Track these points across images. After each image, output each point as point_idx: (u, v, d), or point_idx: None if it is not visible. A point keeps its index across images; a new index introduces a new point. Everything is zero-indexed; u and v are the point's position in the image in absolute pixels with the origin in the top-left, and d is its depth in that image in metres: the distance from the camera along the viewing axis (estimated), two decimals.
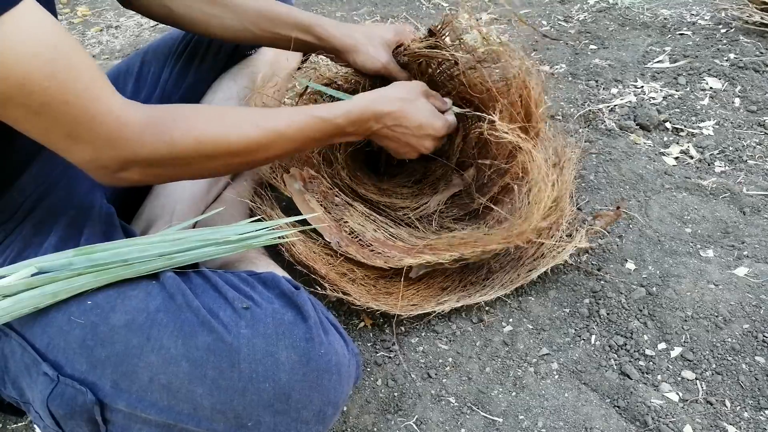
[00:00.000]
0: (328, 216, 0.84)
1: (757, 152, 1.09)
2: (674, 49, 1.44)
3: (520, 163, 0.80)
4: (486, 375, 0.74)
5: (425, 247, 0.81)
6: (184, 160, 0.57)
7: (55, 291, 0.55)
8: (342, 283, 0.76)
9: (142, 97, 0.87)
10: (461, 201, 0.96)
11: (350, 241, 0.81)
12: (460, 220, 0.93)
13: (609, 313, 0.79)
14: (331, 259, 0.80)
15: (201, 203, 0.86)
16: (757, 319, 0.75)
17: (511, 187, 0.86)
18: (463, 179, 0.96)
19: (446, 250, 0.77)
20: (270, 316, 0.55)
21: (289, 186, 0.84)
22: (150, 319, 0.54)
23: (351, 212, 0.86)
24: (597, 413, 0.67)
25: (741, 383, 0.69)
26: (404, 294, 0.80)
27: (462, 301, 0.79)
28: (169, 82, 0.89)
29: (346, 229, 0.83)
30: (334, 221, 0.83)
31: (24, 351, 0.56)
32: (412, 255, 0.78)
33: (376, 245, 0.81)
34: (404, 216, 0.93)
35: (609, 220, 0.92)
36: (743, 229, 0.92)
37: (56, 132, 0.50)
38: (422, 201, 0.95)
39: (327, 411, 0.56)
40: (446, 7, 1.88)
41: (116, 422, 0.54)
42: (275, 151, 0.64)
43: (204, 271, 0.61)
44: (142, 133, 0.53)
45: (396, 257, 0.78)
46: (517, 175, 0.84)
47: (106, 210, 0.69)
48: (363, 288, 0.79)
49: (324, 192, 0.86)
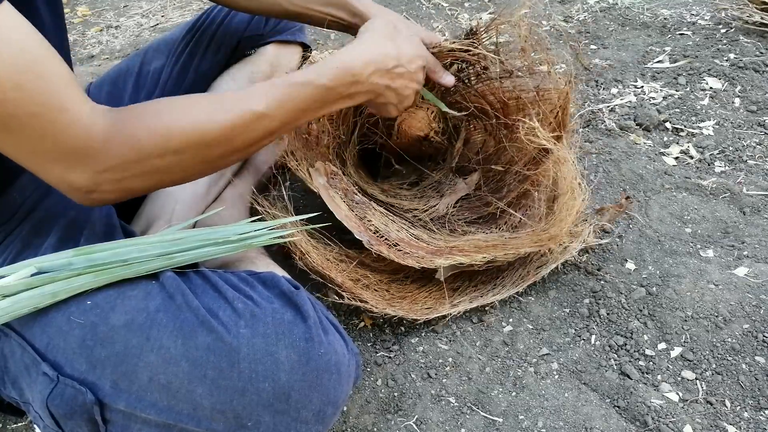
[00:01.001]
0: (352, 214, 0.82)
1: (757, 152, 1.09)
2: (674, 49, 1.44)
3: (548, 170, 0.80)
4: (486, 375, 0.74)
5: (452, 249, 0.80)
6: (155, 163, 0.53)
7: (55, 291, 0.55)
8: (357, 289, 0.76)
9: (142, 96, 0.87)
10: (472, 204, 0.95)
11: (378, 241, 0.80)
12: (472, 223, 0.92)
13: (609, 313, 0.79)
14: (344, 265, 0.80)
15: (201, 203, 0.86)
16: (757, 319, 0.75)
17: (527, 192, 0.86)
18: (467, 183, 0.96)
19: (475, 252, 0.76)
20: (270, 315, 0.55)
21: (315, 180, 0.81)
22: (150, 319, 0.54)
23: (372, 211, 0.85)
24: (597, 413, 0.67)
25: (741, 383, 0.69)
26: (417, 298, 0.80)
27: (475, 302, 0.79)
28: (169, 81, 0.89)
29: (371, 228, 0.82)
30: (359, 219, 0.82)
31: (24, 351, 0.56)
32: (442, 256, 0.77)
33: (403, 245, 0.79)
34: (414, 218, 0.92)
35: (614, 214, 0.91)
36: (743, 229, 0.92)
37: (25, 148, 0.47)
38: (430, 203, 0.95)
39: (327, 411, 0.56)
40: (446, 7, 1.88)
41: (116, 422, 0.54)
42: (257, 133, 0.58)
43: (203, 271, 0.61)
44: (108, 140, 0.50)
45: (426, 257, 0.77)
46: (536, 182, 0.84)
47: (106, 210, 0.69)
48: (377, 293, 0.78)
49: (345, 189, 0.84)
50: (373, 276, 0.81)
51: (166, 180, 0.56)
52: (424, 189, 0.99)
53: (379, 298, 0.77)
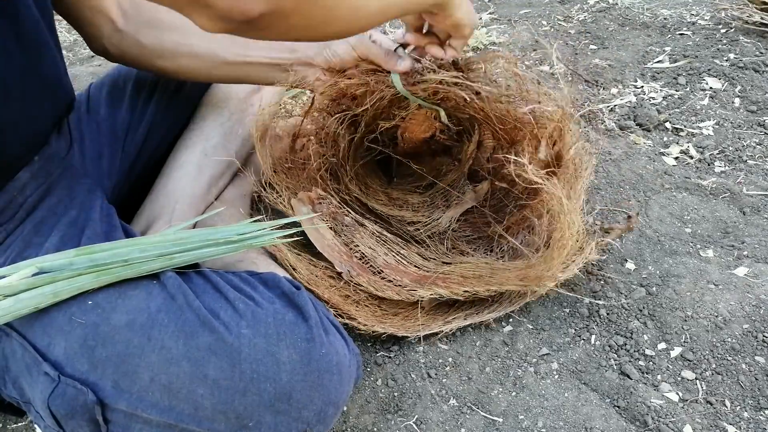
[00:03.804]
0: (338, 240, 0.81)
1: (757, 152, 1.09)
2: (674, 49, 1.44)
3: (543, 202, 0.77)
4: (486, 375, 0.74)
5: (437, 278, 0.79)
6: None
7: (56, 291, 0.55)
8: (346, 306, 0.75)
9: (143, 96, 0.87)
10: (474, 221, 0.94)
11: (361, 269, 0.79)
12: (472, 242, 0.91)
13: (609, 313, 0.79)
14: (334, 281, 0.79)
15: (201, 203, 0.86)
16: (757, 319, 0.75)
17: (526, 218, 0.84)
18: (476, 192, 0.95)
19: (459, 284, 0.75)
20: (271, 316, 0.55)
21: (297, 212, 0.81)
22: (151, 319, 0.54)
23: (361, 234, 0.83)
24: (597, 413, 0.67)
25: (741, 383, 0.69)
26: (411, 314, 0.79)
27: (469, 319, 0.78)
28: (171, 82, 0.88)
29: (356, 255, 0.81)
30: (344, 246, 0.81)
31: (25, 351, 0.56)
32: (424, 287, 0.76)
33: (388, 271, 0.79)
34: (415, 231, 0.91)
35: (620, 233, 0.91)
36: (743, 229, 0.92)
37: None
38: (433, 216, 0.94)
39: (328, 411, 0.56)
40: None
41: (117, 422, 0.54)
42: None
43: (204, 271, 0.61)
44: None
45: (408, 287, 0.77)
46: (537, 209, 0.82)
47: (107, 210, 0.69)
48: (368, 310, 0.78)
49: (333, 213, 0.83)
50: (363, 292, 0.80)
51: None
52: (434, 195, 0.97)
53: (368, 314, 0.76)
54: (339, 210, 0.84)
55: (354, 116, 0.83)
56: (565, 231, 0.70)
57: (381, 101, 0.80)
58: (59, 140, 0.71)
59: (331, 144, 0.87)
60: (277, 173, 0.83)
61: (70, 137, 0.74)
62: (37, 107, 0.63)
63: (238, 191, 0.93)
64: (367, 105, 0.79)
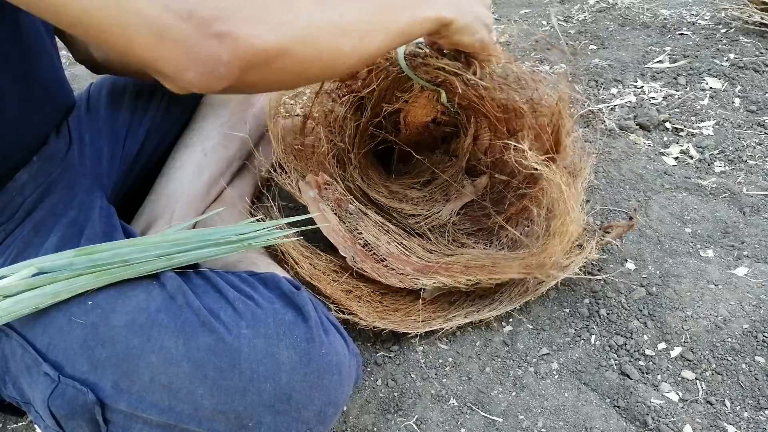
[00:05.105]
0: (342, 226, 0.81)
1: (757, 152, 1.09)
2: (674, 49, 1.44)
3: (543, 190, 0.77)
4: (486, 375, 0.74)
5: (440, 267, 0.79)
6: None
7: (56, 291, 0.55)
8: (348, 301, 0.75)
9: (143, 96, 0.87)
10: (474, 214, 0.94)
11: (365, 256, 0.79)
12: (472, 235, 0.91)
13: (609, 313, 0.79)
14: (336, 275, 0.79)
15: (201, 203, 0.86)
16: (757, 319, 0.75)
17: (527, 207, 0.84)
18: (475, 186, 0.95)
19: (461, 273, 0.75)
20: (271, 316, 0.55)
21: (304, 194, 0.81)
22: (151, 320, 0.54)
23: (365, 222, 0.83)
24: (597, 413, 0.67)
25: (741, 383, 0.69)
26: (412, 310, 0.79)
27: (470, 317, 0.78)
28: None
29: (359, 242, 0.81)
30: (348, 233, 0.81)
31: (24, 351, 0.56)
32: (427, 275, 0.76)
33: (391, 260, 0.79)
34: (416, 224, 0.91)
35: (621, 232, 0.91)
36: (743, 229, 0.92)
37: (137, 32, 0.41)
38: (434, 209, 0.94)
39: (328, 411, 0.56)
40: None
41: (117, 422, 0.54)
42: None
43: (204, 272, 0.61)
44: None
45: (411, 275, 0.77)
46: (537, 199, 0.82)
47: (106, 210, 0.69)
48: (369, 305, 0.78)
49: (338, 200, 0.83)
50: (366, 287, 0.80)
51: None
52: (433, 190, 0.98)
53: (370, 309, 0.76)
54: (344, 197, 0.84)
55: (360, 99, 0.85)
56: (565, 216, 0.70)
57: (386, 80, 0.82)
58: (58, 140, 0.71)
59: (338, 130, 0.88)
60: (287, 154, 0.84)
61: (70, 137, 0.74)
62: (36, 112, 0.64)
63: (238, 192, 0.93)
64: (373, 85, 0.80)
